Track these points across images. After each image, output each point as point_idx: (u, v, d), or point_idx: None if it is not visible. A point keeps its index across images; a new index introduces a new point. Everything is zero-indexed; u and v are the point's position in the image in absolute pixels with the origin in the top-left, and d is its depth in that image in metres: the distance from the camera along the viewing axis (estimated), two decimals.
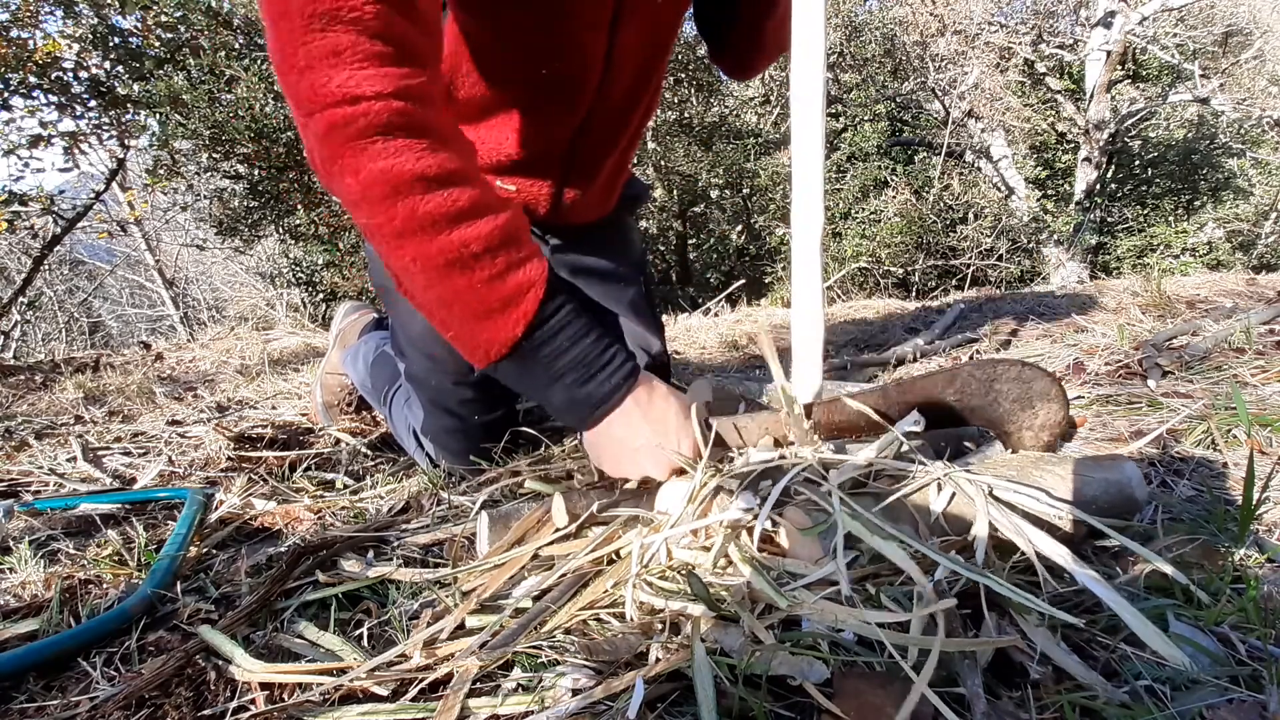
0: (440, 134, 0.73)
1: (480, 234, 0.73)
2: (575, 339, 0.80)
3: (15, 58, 4.44)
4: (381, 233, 0.72)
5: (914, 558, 0.60)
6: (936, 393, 0.78)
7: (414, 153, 0.69)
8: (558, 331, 0.79)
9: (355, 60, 0.66)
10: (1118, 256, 8.71)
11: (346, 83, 0.66)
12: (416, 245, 0.71)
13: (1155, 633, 0.50)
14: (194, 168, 5.38)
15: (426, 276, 0.73)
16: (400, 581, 0.76)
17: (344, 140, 0.67)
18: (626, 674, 0.53)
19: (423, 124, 0.71)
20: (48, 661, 0.65)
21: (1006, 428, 0.77)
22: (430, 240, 0.71)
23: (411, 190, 0.69)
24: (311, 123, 0.68)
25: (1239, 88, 8.03)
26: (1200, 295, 2.11)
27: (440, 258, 0.72)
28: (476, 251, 0.73)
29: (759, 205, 7.60)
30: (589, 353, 0.80)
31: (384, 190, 0.69)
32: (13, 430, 1.53)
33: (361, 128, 0.67)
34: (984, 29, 7.59)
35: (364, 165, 0.68)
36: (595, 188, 1.16)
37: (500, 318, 0.76)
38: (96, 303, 11.88)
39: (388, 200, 0.69)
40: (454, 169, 0.72)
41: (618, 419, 0.82)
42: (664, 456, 0.81)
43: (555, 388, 0.80)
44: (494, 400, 1.17)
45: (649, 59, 1.06)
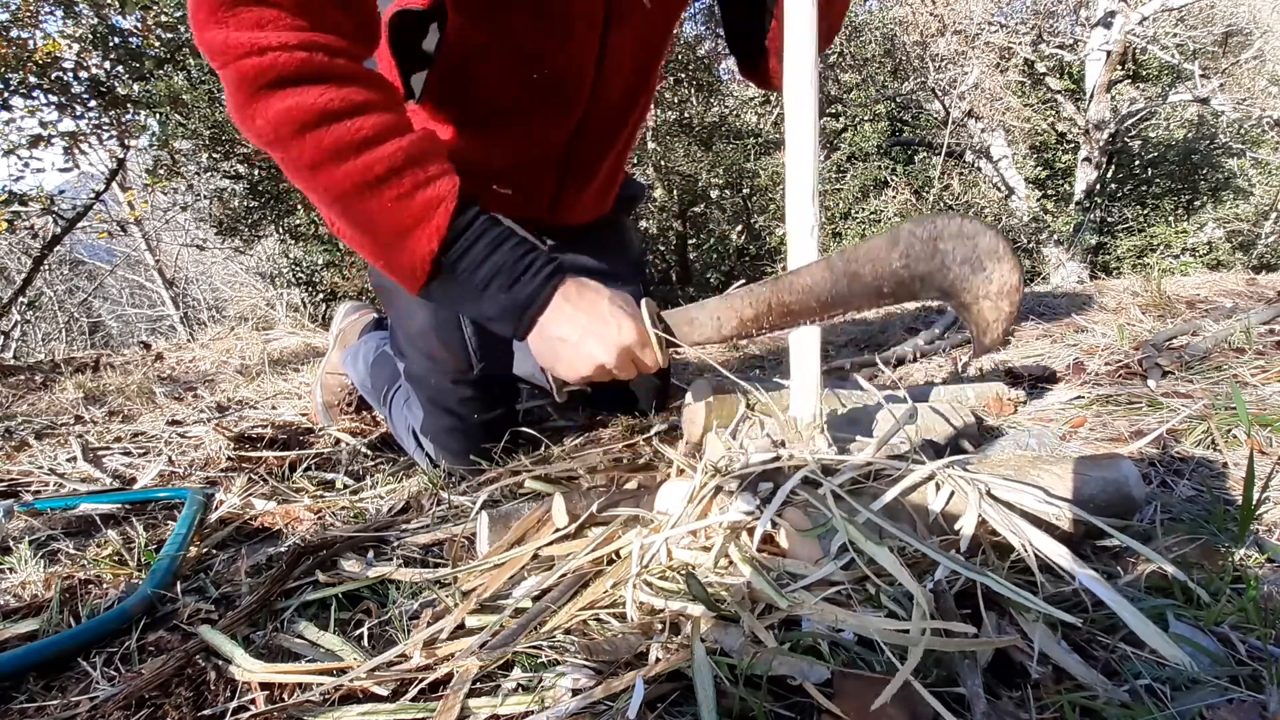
0: (347, 75, 0.75)
1: (382, 156, 0.75)
2: (493, 246, 0.81)
3: (15, 58, 4.44)
4: (295, 167, 0.76)
5: (913, 557, 0.61)
6: (883, 257, 0.75)
7: (316, 90, 0.73)
8: (474, 242, 0.81)
9: (265, 23, 0.71)
10: (1118, 256, 8.70)
11: (256, 36, 0.70)
12: (326, 174, 0.75)
13: (1155, 632, 0.50)
14: (194, 168, 5.38)
15: (342, 205, 0.77)
16: (400, 581, 0.76)
17: (254, 89, 0.72)
18: (626, 674, 0.53)
19: (328, 69, 0.74)
20: (48, 661, 0.65)
21: (962, 297, 0.72)
22: (337, 167, 0.74)
23: (317, 124, 0.73)
24: (226, 74, 0.73)
25: (1239, 88, 8.02)
26: (1200, 295, 2.11)
27: (348, 182, 0.75)
28: (380, 173, 0.75)
29: (759, 205, 7.60)
30: (509, 258, 0.82)
31: (290, 128, 0.73)
32: (13, 430, 1.53)
33: (270, 77, 0.71)
34: (984, 29, 7.59)
35: (272, 106, 0.72)
36: (592, 189, 1.17)
37: (415, 235, 0.78)
38: (96, 303, 11.88)
39: (295, 136, 0.73)
40: (359, 101, 0.75)
41: (552, 315, 0.83)
42: (608, 340, 0.82)
43: (485, 299, 0.82)
44: (493, 399, 1.17)
45: (641, 63, 1.07)
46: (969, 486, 0.67)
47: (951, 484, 0.68)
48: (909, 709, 0.45)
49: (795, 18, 0.80)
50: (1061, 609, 0.56)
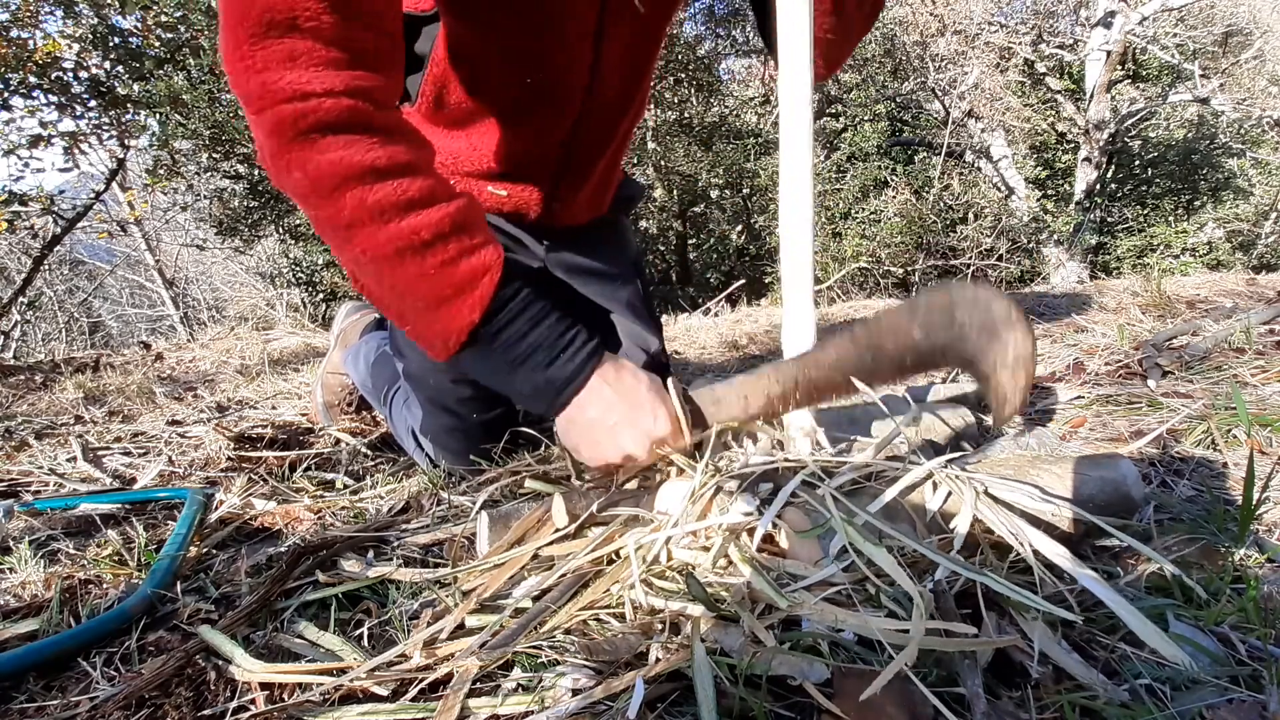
0: (391, 129, 0.73)
1: (430, 221, 0.72)
2: (535, 322, 0.78)
3: (15, 58, 4.44)
4: (331, 225, 0.72)
5: (913, 557, 0.61)
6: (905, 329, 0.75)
7: (363, 146, 0.70)
8: (516, 315, 0.77)
9: (310, 64, 0.68)
10: (1118, 256, 8.71)
11: (297, 81, 0.67)
12: (366, 235, 0.71)
13: (1155, 632, 0.50)
14: (194, 168, 5.38)
15: (378, 267, 0.73)
16: (400, 581, 0.76)
17: (293, 135, 0.68)
18: (626, 674, 0.53)
19: (372, 120, 0.71)
20: (48, 661, 0.65)
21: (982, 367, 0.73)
22: (379, 229, 0.70)
23: (360, 181, 0.69)
24: (261, 120, 0.69)
25: (1239, 88, 8.03)
26: (1200, 295, 2.11)
27: (390, 246, 0.71)
28: (427, 239, 0.72)
29: (759, 205, 7.60)
30: (549, 334, 0.78)
31: (332, 182, 0.69)
32: (13, 430, 1.53)
33: (311, 123, 0.67)
34: (984, 29, 7.59)
35: (312, 158, 0.68)
36: (586, 191, 1.17)
37: (456, 304, 0.74)
38: (96, 303, 11.89)
39: (336, 192, 0.69)
40: (405, 161, 0.72)
41: (588, 398, 0.79)
42: (641, 430, 0.78)
43: (519, 373, 0.78)
44: (493, 399, 1.17)
45: (636, 66, 1.06)
46: (965, 486, 0.67)
47: (949, 484, 0.68)
48: (909, 708, 0.45)
49: (789, 20, 0.80)
50: (1061, 609, 0.56)
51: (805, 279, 0.88)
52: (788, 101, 0.83)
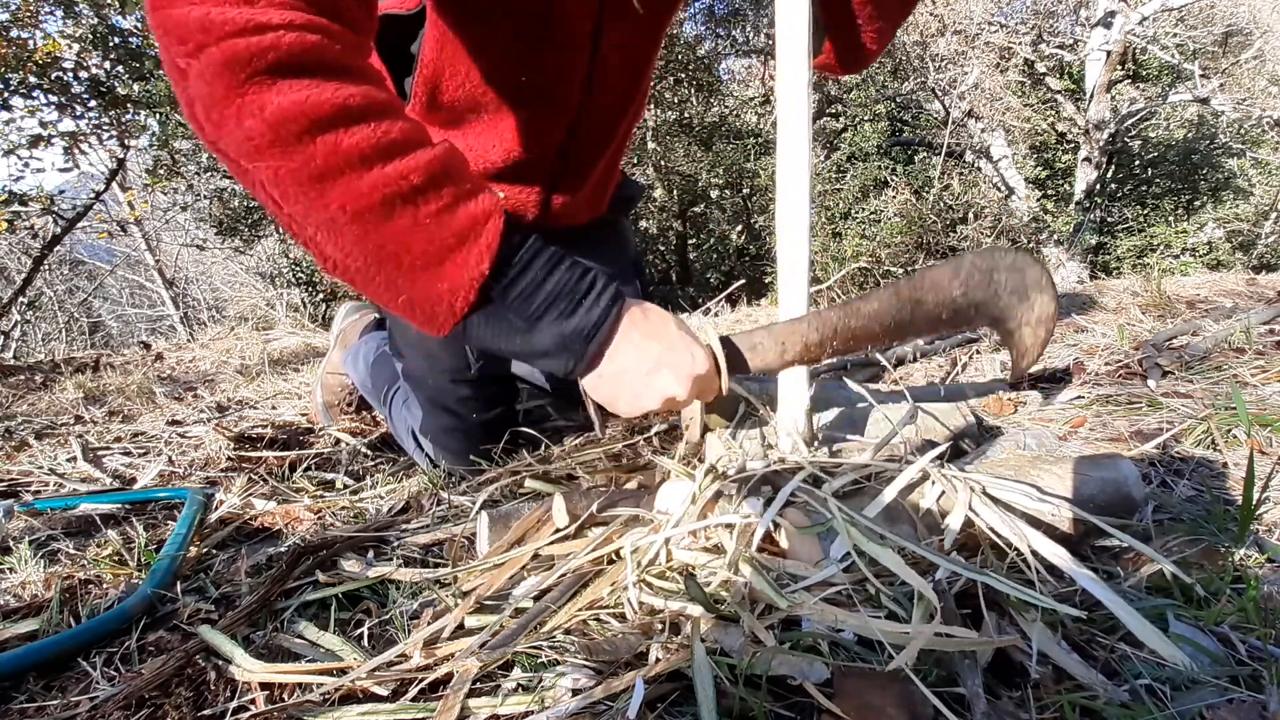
0: (363, 72, 0.63)
1: (419, 164, 0.61)
2: (550, 267, 0.67)
3: (15, 58, 4.44)
4: (297, 180, 0.59)
5: (913, 558, 0.61)
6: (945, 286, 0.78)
7: (332, 85, 0.59)
8: (529, 262, 0.67)
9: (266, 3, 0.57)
10: (1118, 256, 8.70)
11: (252, 13, 0.56)
12: (344, 186, 0.59)
13: (1153, 632, 0.50)
14: (194, 168, 5.38)
15: (361, 225, 0.60)
16: (400, 581, 0.76)
17: (247, 76, 0.56)
18: (626, 674, 0.53)
19: (340, 59, 0.60)
20: (48, 661, 0.65)
21: (1008, 324, 0.79)
22: (360, 177, 0.59)
23: (333, 123, 0.58)
24: (200, 61, 0.57)
25: (1239, 88, 8.02)
26: (1200, 295, 2.11)
27: (375, 194, 0.59)
28: (418, 183, 0.61)
29: (759, 205, 7.60)
30: (568, 279, 0.68)
31: (299, 126, 0.57)
32: (13, 430, 1.53)
33: (270, 60, 0.56)
34: (984, 29, 7.59)
35: (271, 100, 0.56)
36: (585, 192, 1.16)
37: (459, 255, 0.63)
38: (96, 303, 11.88)
39: (304, 137, 0.57)
40: (382, 100, 0.62)
41: (620, 345, 0.70)
42: (681, 369, 0.71)
43: (540, 329, 0.67)
44: (492, 398, 1.17)
45: (634, 68, 1.05)
46: (961, 486, 0.67)
47: (948, 485, 0.68)
48: (909, 708, 0.45)
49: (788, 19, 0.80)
50: (1061, 609, 0.56)
51: (801, 276, 0.88)
52: (785, 97, 0.83)
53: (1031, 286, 0.76)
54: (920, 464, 0.71)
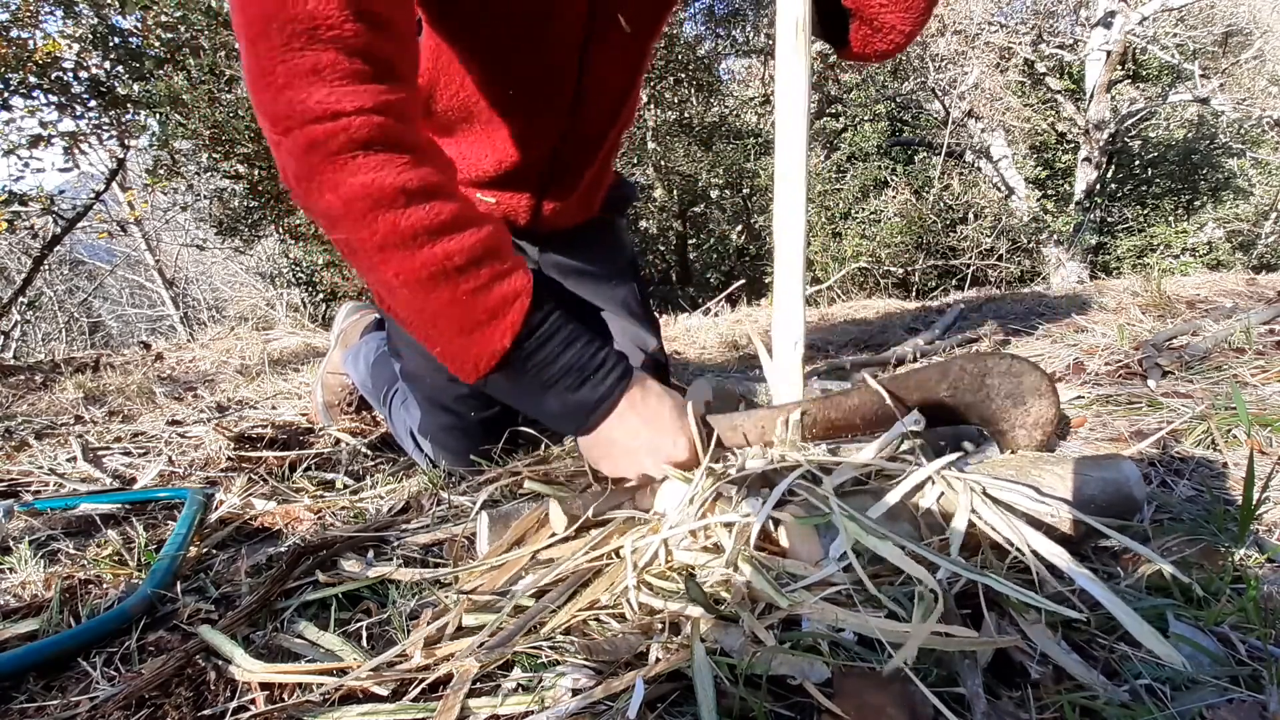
0: (420, 149, 0.72)
1: (463, 246, 0.72)
2: (565, 345, 0.79)
3: (15, 58, 4.45)
4: (364, 248, 0.70)
5: (913, 557, 0.61)
6: (931, 387, 0.78)
7: (395, 167, 0.68)
8: (547, 340, 0.78)
9: (335, 78, 0.65)
10: (1118, 256, 8.71)
11: (327, 99, 0.65)
12: (400, 259, 0.70)
13: (1152, 633, 0.50)
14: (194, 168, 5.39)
15: (410, 291, 0.72)
16: (400, 581, 0.76)
17: (324, 156, 0.66)
18: (626, 674, 0.53)
19: (402, 139, 0.70)
20: (48, 661, 0.65)
21: (1000, 425, 0.78)
22: (413, 254, 0.70)
23: (394, 203, 0.68)
24: (288, 140, 0.66)
25: (1239, 88, 8.03)
26: (1200, 295, 2.11)
27: (424, 270, 0.70)
28: (460, 264, 0.71)
29: (759, 205, 7.61)
30: (580, 357, 0.79)
31: (366, 205, 0.67)
32: (13, 430, 1.53)
33: (343, 143, 0.66)
34: (984, 29, 7.59)
35: (344, 180, 0.67)
36: (575, 197, 1.18)
37: (488, 329, 0.74)
38: (96, 303, 11.89)
39: (370, 214, 0.68)
40: (435, 183, 0.71)
41: (614, 421, 0.81)
42: (662, 455, 0.80)
43: (548, 396, 0.79)
44: (491, 397, 1.18)
45: (623, 77, 1.07)
46: (964, 487, 0.67)
47: (949, 485, 0.68)
48: (909, 708, 0.45)
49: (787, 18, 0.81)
50: (1061, 609, 0.56)
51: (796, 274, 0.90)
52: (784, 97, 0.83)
53: (1029, 392, 0.75)
54: (930, 469, 0.71)
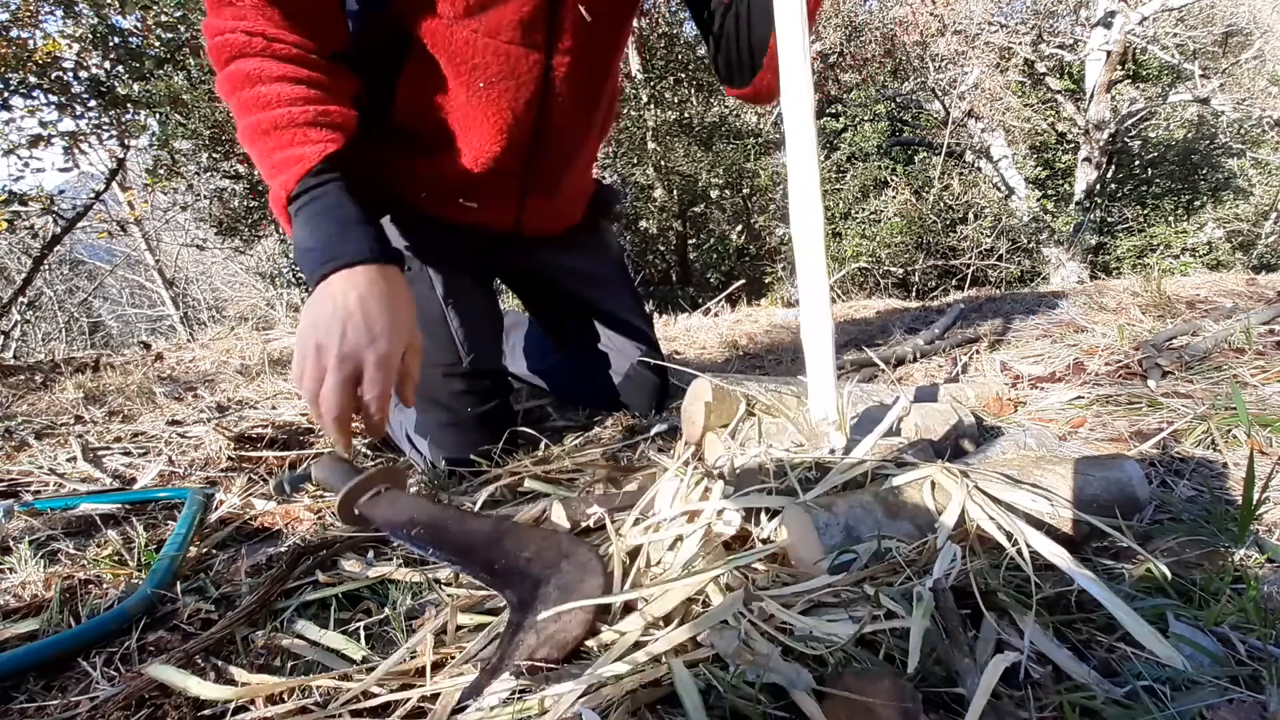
0: (296, 57, 0.88)
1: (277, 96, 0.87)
2: (327, 215, 0.87)
3: (15, 58, 4.44)
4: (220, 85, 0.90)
5: (910, 557, 0.61)
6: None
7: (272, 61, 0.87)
8: (315, 199, 0.87)
9: (246, 13, 0.86)
10: (1118, 256, 8.71)
11: (228, 23, 0.86)
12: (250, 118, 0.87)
13: (1151, 633, 0.50)
14: (194, 168, 5.38)
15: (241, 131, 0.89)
16: (400, 581, 0.76)
17: (226, 59, 0.87)
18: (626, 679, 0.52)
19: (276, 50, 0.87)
20: (48, 661, 0.65)
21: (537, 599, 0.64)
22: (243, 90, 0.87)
23: (239, 56, 0.87)
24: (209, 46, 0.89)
25: (1239, 88, 8.02)
26: (1200, 295, 2.11)
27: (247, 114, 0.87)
28: (264, 122, 0.87)
29: (759, 205, 7.60)
30: (356, 214, 0.87)
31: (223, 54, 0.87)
32: (13, 430, 1.53)
33: (232, 52, 0.87)
34: (984, 29, 7.59)
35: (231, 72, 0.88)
36: (556, 202, 1.21)
37: (282, 179, 0.87)
38: (96, 303, 11.89)
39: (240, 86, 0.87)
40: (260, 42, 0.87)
41: (318, 296, 0.83)
42: (326, 358, 0.81)
43: (308, 246, 0.86)
44: (486, 392, 1.19)
45: (591, 80, 1.09)
46: (959, 485, 0.67)
47: (948, 484, 0.68)
48: (900, 707, 0.45)
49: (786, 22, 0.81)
50: (1061, 609, 0.56)
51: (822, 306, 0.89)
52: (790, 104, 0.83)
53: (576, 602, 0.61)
54: (930, 470, 0.71)
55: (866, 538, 0.64)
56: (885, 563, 0.61)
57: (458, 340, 1.16)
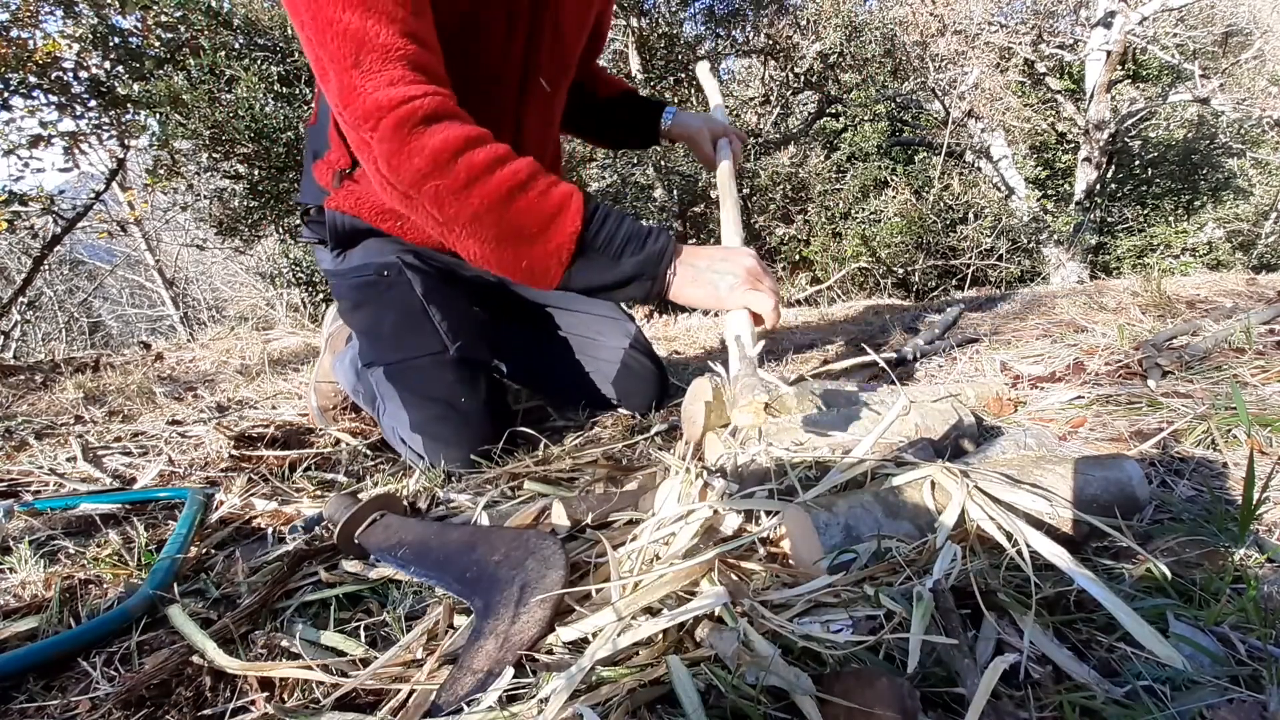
0: (465, 117, 0.93)
1: (520, 168, 0.92)
2: (620, 220, 0.97)
3: (15, 58, 4.44)
4: (451, 190, 0.90)
5: (910, 557, 0.61)
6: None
7: (457, 125, 0.90)
8: (606, 217, 0.96)
9: (404, 82, 0.89)
10: (1118, 256, 8.71)
11: (403, 92, 0.88)
12: (481, 187, 0.90)
13: (1150, 633, 0.50)
14: (194, 168, 5.38)
15: (495, 212, 0.91)
16: (401, 582, 0.76)
17: (410, 128, 0.88)
18: (624, 680, 0.53)
19: (455, 111, 0.93)
20: (48, 661, 0.65)
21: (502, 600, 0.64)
22: (489, 179, 0.90)
23: (465, 148, 0.90)
24: (379, 129, 0.87)
25: (1239, 88, 8.02)
26: (1200, 295, 2.11)
27: (501, 188, 0.90)
28: (524, 179, 0.92)
29: (759, 205, 7.60)
30: (633, 226, 0.98)
31: (448, 154, 0.89)
32: (13, 430, 1.53)
33: (420, 116, 0.88)
34: (984, 29, 7.58)
35: (427, 143, 0.88)
36: None
37: (560, 220, 0.93)
38: (96, 303, 11.88)
39: (452, 160, 0.89)
40: (485, 134, 0.93)
41: (688, 255, 0.98)
42: (743, 262, 0.97)
43: (623, 260, 0.96)
44: (475, 381, 1.19)
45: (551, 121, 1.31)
46: (958, 484, 0.67)
47: (948, 484, 0.68)
48: (899, 706, 0.45)
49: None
50: (1061, 609, 0.56)
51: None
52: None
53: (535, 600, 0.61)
54: (930, 470, 0.71)
55: (866, 537, 0.64)
56: (885, 563, 0.61)
57: (441, 332, 1.19)
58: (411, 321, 1.20)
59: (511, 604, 0.61)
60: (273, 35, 4.53)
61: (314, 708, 0.56)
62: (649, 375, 1.37)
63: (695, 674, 0.50)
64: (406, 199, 0.92)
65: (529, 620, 0.59)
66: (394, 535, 0.80)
